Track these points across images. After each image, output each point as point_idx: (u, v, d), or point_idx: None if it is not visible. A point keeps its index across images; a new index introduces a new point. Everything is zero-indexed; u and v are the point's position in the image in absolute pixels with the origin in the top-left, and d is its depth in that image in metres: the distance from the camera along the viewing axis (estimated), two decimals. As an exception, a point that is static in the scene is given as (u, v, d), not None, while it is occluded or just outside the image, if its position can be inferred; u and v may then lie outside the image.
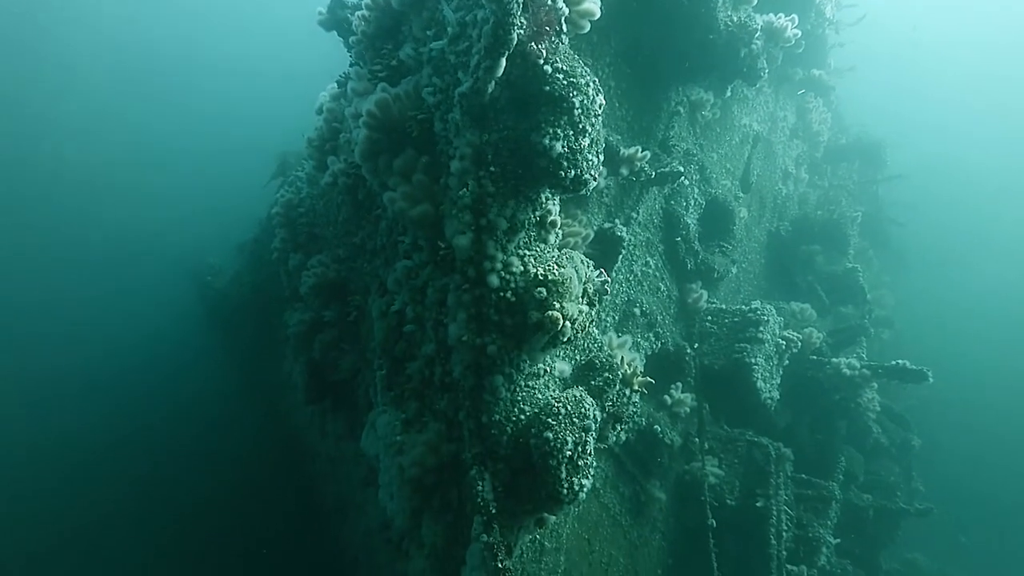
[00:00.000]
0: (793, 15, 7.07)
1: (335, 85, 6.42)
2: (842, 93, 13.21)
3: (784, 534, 7.75)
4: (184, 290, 14.25)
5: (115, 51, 35.45)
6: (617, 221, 6.14)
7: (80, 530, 15.12)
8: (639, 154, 5.86)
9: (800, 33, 7.06)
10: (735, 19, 6.34)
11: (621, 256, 6.11)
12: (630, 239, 6.36)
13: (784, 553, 7.73)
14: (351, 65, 5.54)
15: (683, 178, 6.87)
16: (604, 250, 5.86)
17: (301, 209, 7.39)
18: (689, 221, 7.41)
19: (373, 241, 5.57)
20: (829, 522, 8.65)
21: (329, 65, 7.16)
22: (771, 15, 6.99)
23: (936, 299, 24.72)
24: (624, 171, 5.92)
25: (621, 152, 5.83)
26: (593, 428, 4.18)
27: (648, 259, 7.03)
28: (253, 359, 12.37)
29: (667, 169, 6.47)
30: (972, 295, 28.88)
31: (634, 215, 6.53)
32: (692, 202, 7.58)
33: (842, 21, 11.56)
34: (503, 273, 3.80)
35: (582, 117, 3.58)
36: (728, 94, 7.23)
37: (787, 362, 8.20)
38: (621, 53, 5.95)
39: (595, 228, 5.82)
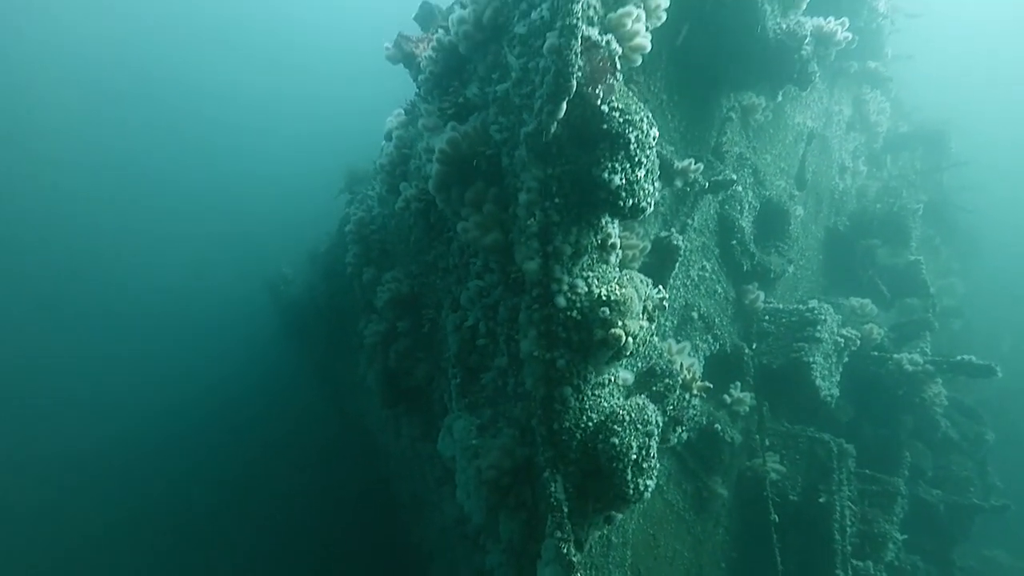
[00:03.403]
0: (844, 18, 7.13)
1: (401, 111, 6.87)
2: (902, 78, 12.95)
3: (848, 529, 7.81)
4: (260, 299, 15.15)
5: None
6: (673, 230, 6.32)
7: (176, 526, 16.51)
8: (692, 166, 6.08)
9: (851, 36, 7.11)
10: (784, 27, 6.41)
11: (678, 263, 6.35)
12: (686, 246, 6.55)
13: (849, 548, 7.79)
14: (418, 96, 5.96)
15: (736, 184, 7.04)
16: (661, 259, 6.07)
17: (373, 227, 7.88)
18: (744, 224, 7.55)
19: (445, 260, 5.98)
20: (895, 517, 8.66)
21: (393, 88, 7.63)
22: (820, 19, 7.06)
23: (1011, 284, 23.65)
24: (678, 183, 6.15)
25: (675, 165, 6.05)
26: (655, 432, 4.48)
27: (704, 263, 7.21)
28: (327, 364, 13.06)
29: (720, 177, 6.67)
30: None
31: (689, 222, 6.72)
32: (746, 205, 7.71)
33: (900, 9, 11.39)
34: (569, 294, 4.14)
35: (638, 151, 3.88)
36: (780, 98, 7.33)
37: (847, 359, 8.25)
38: (672, 66, 6.17)
39: (651, 238, 6.06)
